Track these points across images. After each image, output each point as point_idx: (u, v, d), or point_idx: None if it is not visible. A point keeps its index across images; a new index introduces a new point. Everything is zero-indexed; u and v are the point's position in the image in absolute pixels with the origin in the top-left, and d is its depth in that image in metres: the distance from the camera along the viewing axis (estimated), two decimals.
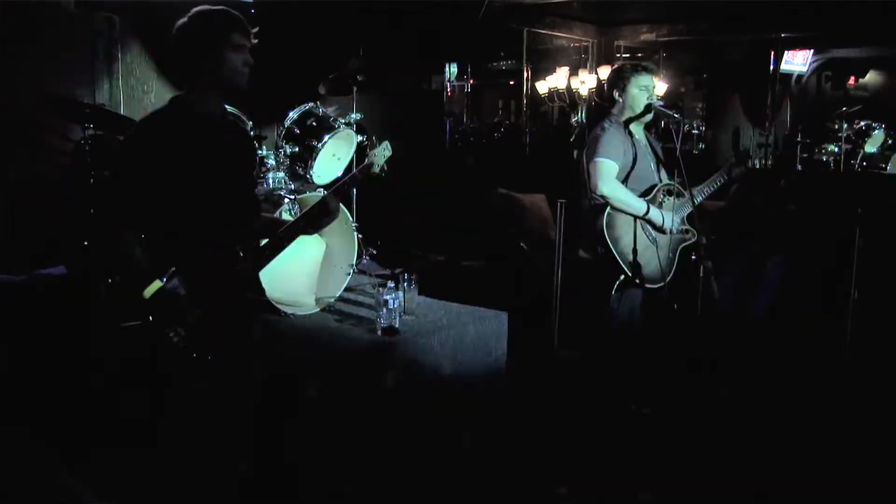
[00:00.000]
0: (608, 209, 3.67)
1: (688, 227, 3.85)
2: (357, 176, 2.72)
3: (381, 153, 2.76)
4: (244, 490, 2.59)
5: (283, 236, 2.59)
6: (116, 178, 2.57)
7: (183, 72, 2.49)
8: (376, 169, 2.77)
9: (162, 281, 2.29)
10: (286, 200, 3.93)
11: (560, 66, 8.13)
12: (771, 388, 4.18)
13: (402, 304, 3.74)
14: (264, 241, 2.61)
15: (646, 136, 3.96)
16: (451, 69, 7.84)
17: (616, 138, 3.75)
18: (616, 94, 3.85)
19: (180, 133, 2.39)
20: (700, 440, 3.54)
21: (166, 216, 2.39)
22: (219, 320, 2.43)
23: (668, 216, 3.75)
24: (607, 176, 3.65)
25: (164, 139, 2.37)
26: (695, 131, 8.81)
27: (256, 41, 2.50)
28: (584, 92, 7.85)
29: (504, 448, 3.48)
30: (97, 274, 3.89)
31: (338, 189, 2.66)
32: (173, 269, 2.32)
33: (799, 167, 7.43)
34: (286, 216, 3.99)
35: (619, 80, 3.82)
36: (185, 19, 2.44)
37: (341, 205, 2.78)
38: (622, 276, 3.70)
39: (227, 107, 2.68)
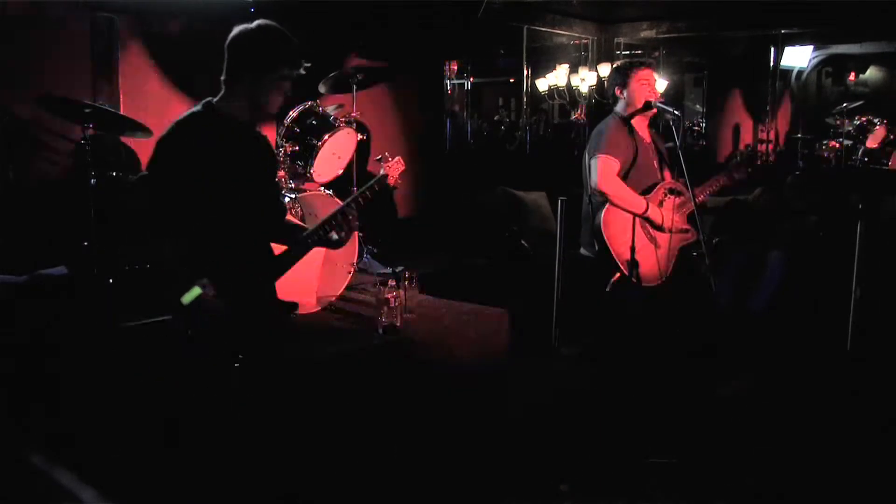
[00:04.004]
0: (606, 206, 3.66)
1: (688, 225, 3.84)
2: (374, 187, 2.83)
3: (395, 167, 2.97)
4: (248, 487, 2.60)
5: (303, 242, 2.67)
6: (151, 180, 2.49)
7: (225, 74, 2.49)
8: (390, 181, 2.95)
9: (201, 288, 2.31)
10: (287, 199, 3.92)
11: (560, 63, 8.13)
12: (772, 383, 4.18)
13: (403, 302, 3.73)
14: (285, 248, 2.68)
15: (650, 133, 3.95)
16: (451, 67, 7.83)
17: (618, 135, 3.75)
18: (618, 91, 3.85)
19: (213, 137, 2.41)
20: (701, 436, 3.54)
21: (195, 218, 2.40)
22: (252, 321, 2.48)
23: (668, 215, 3.74)
24: (608, 172, 3.65)
25: (198, 142, 2.39)
26: (696, 128, 8.81)
27: (304, 73, 2.52)
28: (584, 89, 7.84)
29: (505, 445, 3.48)
30: (97, 274, 3.89)
31: (355, 200, 2.76)
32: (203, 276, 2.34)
33: (800, 163, 7.43)
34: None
35: (620, 77, 3.83)
36: (246, 28, 2.45)
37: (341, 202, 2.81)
38: (617, 274, 3.69)
39: None
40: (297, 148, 4.27)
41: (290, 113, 4.35)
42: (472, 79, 8.24)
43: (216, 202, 2.41)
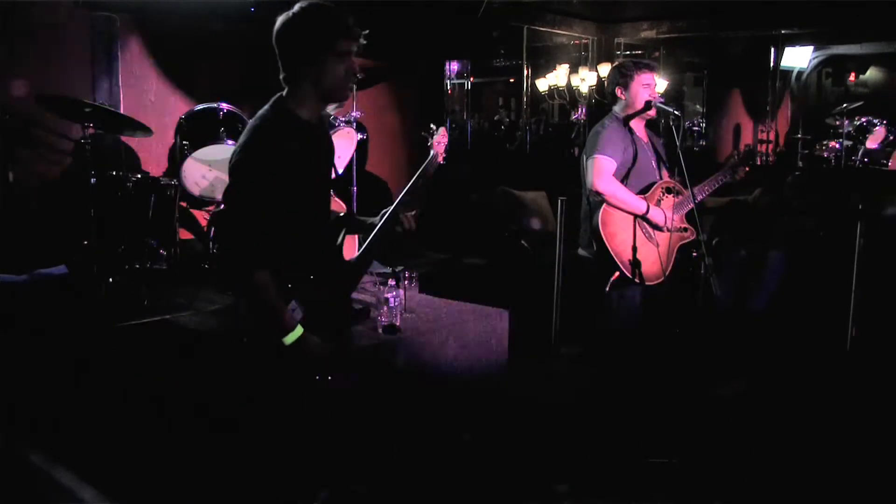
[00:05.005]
0: (603, 206, 3.66)
1: (687, 225, 3.84)
2: (427, 171, 2.65)
3: (441, 142, 2.75)
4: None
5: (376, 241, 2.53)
6: (245, 207, 2.19)
7: (283, 72, 2.28)
8: (439, 159, 2.74)
9: (301, 326, 2.19)
10: None
11: (560, 63, 8.13)
12: (771, 383, 4.18)
13: (403, 302, 3.73)
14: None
15: (648, 133, 3.95)
16: (452, 67, 7.84)
17: (615, 135, 3.74)
18: (618, 92, 3.84)
19: (291, 145, 2.20)
20: (701, 436, 3.54)
21: (280, 232, 2.21)
22: (337, 330, 2.40)
23: (669, 214, 3.74)
24: (604, 173, 3.65)
25: (280, 154, 2.17)
26: (695, 128, 8.82)
27: (365, 42, 2.32)
28: (584, 89, 7.84)
29: (505, 445, 3.48)
30: (97, 274, 3.89)
31: (411, 191, 2.59)
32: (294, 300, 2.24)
33: (800, 164, 7.43)
34: None
35: (621, 78, 3.81)
36: (288, 16, 2.22)
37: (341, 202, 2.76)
38: (616, 273, 3.69)
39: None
40: None
41: None
42: (472, 79, 8.25)
43: (300, 214, 2.27)
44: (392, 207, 2.54)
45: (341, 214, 2.67)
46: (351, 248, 4.18)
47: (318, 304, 2.33)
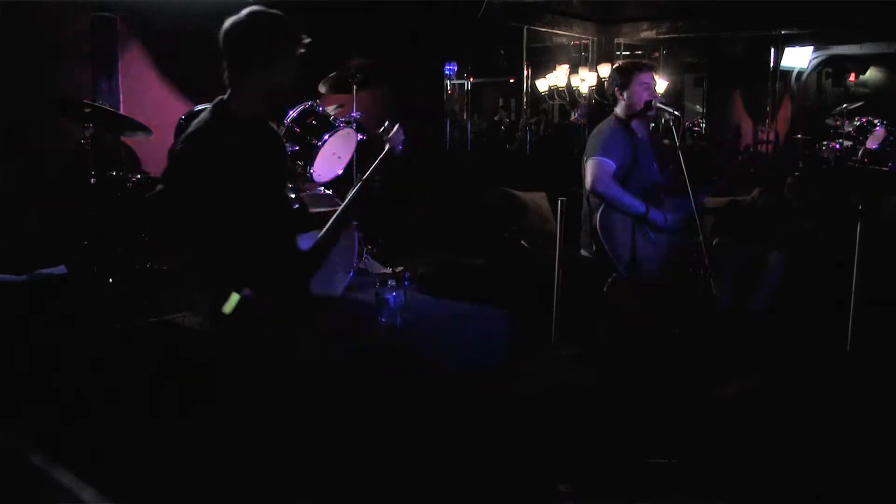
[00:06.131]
0: (603, 207, 3.67)
1: (687, 226, 3.84)
2: (381, 163, 2.76)
3: (396, 137, 2.87)
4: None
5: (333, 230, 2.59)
6: (173, 195, 2.39)
7: (230, 73, 2.32)
8: (394, 153, 2.87)
9: (239, 293, 2.25)
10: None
11: (560, 63, 8.14)
12: (771, 383, 4.18)
13: (403, 302, 3.73)
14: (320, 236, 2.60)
15: (649, 134, 3.95)
16: (451, 67, 7.83)
17: (615, 137, 3.75)
18: (618, 93, 3.85)
19: (231, 144, 2.27)
20: (701, 436, 3.53)
21: (227, 228, 2.29)
22: (295, 321, 2.47)
23: (669, 216, 3.74)
24: (604, 175, 3.65)
25: (217, 153, 2.25)
26: (696, 128, 8.82)
27: (304, 51, 2.38)
28: (584, 90, 7.85)
29: (505, 446, 3.47)
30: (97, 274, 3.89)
31: (364, 183, 2.69)
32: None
33: (800, 164, 7.43)
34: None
35: (620, 78, 3.82)
36: (241, 19, 2.27)
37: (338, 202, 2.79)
38: (614, 274, 3.70)
39: None
40: (297, 148, 4.28)
41: (291, 113, 4.35)
42: (472, 79, 8.25)
43: (245, 208, 2.32)
44: (343, 205, 2.67)
45: (295, 208, 2.73)
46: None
47: (278, 297, 2.39)
